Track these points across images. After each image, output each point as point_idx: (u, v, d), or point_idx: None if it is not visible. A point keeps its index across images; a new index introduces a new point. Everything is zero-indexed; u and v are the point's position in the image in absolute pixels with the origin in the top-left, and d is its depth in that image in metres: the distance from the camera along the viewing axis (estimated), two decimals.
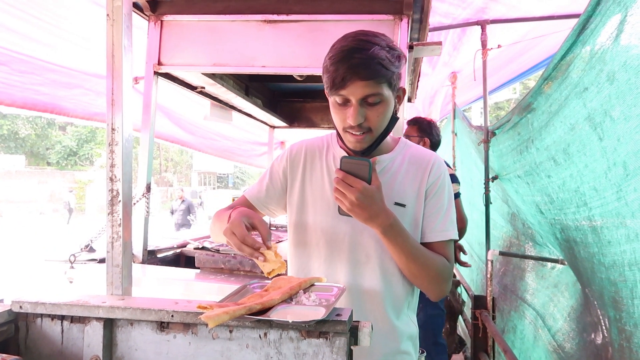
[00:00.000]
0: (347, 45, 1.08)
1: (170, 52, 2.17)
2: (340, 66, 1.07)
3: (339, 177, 1.06)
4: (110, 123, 1.23)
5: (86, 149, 29.78)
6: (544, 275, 2.62)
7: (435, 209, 1.21)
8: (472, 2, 2.74)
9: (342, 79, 1.07)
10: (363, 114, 1.10)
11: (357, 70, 1.06)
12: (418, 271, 1.16)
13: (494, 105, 17.80)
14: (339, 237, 1.21)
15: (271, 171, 1.34)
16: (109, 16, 1.23)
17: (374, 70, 1.06)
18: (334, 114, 1.16)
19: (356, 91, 1.08)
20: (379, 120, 1.13)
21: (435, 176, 1.22)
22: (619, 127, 1.17)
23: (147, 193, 2.20)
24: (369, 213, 1.06)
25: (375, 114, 1.12)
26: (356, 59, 1.06)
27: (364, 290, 1.19)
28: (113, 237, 1.23)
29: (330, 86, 1.10)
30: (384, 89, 1.10)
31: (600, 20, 1.17)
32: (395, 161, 1.24)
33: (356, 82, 1.07)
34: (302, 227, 1.27)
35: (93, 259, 2.22)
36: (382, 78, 1.08)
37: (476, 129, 3.29)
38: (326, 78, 1.11)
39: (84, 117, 3.10)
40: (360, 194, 1.04)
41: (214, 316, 0.84)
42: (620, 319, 1.40)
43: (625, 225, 1.26)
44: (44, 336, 1.01)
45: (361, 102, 1.10)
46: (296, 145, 1.34)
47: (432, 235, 1.21)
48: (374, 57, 1.06)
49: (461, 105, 5.18)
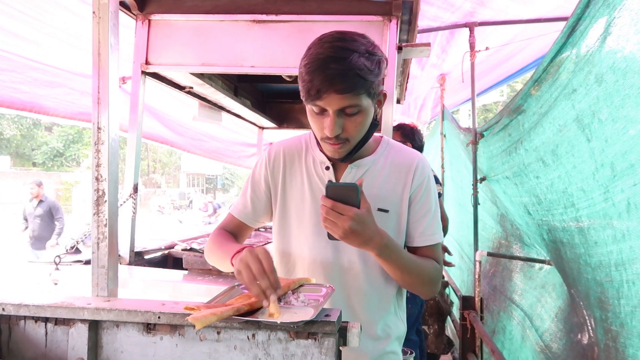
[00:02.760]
0: (322, 53, 1.01)
1: (158, 52, 2.15)
2: (315, 77, 1.00)
3: (328, 205, 1.00)
4: (97, 122, 1.22)
5: (73, 149, 29.43)
6: (532, 276, 2.64)
7: (421, 213, 1.19)
8: (460, 6, 2.76)
9: (317, 91, 1.00)
10: (340, 125, 1.05)
11: (333, 83, 0.99)
12: (412, 280, 1.16)
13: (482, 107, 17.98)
14: (321, 244, 1.19)
15: (252, 182, 1.28)
16: (95, 14, 1.21)
17: (352, 83, 1.00)
18: (311, 122, 1.11)
19: (333, 103, 1.02)
20: (357, 131, 1.08)
21: (420, 180, 1.19)
22: (606, 128, 1.18)
23: (134, 194, 2.18)
24: (363, 238, 1.02)
25: (353, 124, 1.07)
26: (332, 69, 0.99)
27: (351, 292, 1.18)
28: (99, 238, 1.22)
29: (306, 96, 1.04)
30: (363, 100, 1.04)
31: (589, 22, 1.18)
32: (377, 164, 1.20)
33: (332, 95, 1.00)
34: (285, 235, 1.24)
35: (79, 261, 2.19)
36: (361, 89, 1.02)
37: (464, 131, 3.32)
38: (301, 86, 1.05)
39: (66, 116, 3.05)
40: (353, 221, 0.99)
41: (201, 317, 0.82)
42: (606, 319, 1.42)
43: (612, 226, 1.27)
44: (27, 339, 0.99)
45: (338, 112, 1.04)
46: (274, 148, 1.28)
47: (421, 240, 1.19)
48: (352, 67, 0.99)
49: (450, 107, 5.21)
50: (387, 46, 1.99)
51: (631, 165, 1.09)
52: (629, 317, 1.22)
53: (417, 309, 2.87)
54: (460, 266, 4.26)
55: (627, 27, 1.05)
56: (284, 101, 3.82)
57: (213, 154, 5.33)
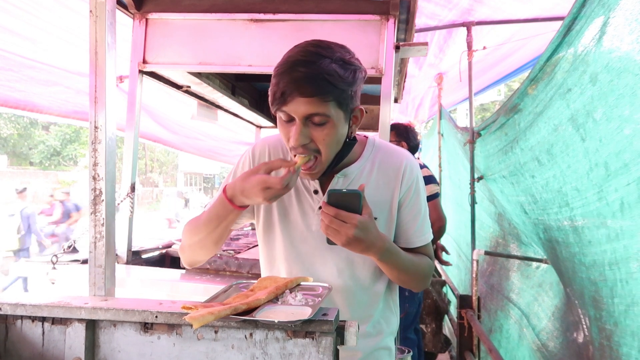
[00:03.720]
0: (292, 57, 0.98)
1: (155, 51, 2.15)
2: (281, 79, 0.97)
3: (331, 214, 0.98)
4: (94, 121, 1.22)
5: (70, 149, 29.32)
6: (529, 275, 2.65)
7: (411, 215, 1.18)
8: (457, 3, 2.77)
9: (281, 94, 0.97)
10: (307, 135, 1.00)
11: (298, 85, 0.95)
12: (407, 278, 1.17)
13: (479, 106, 17.99)
14: (307, 246, 1.17)
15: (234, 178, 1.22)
16: (92, 12, 1.21)
17: (318, 87, 0.95)
18: (280, 132, 1.06)
19: (298, 109, 0.97)
20: (326, 143, 1.02)
21: (409, 182, 1.17)
22: (601, 127, 1.19)
23: (132, 193, 2.18)
24: (366, 244, 1.01)
25: (321, 135, 1.01)
26: (299, 72, 0.95)
27: (338, 292, 1.17)
28: (96, 237, 1.22)
29: (272, 101, 1.00)
30: (331, 109, 0.98)
31: (585, 22, 1.18)
32: (364, 170, 1.16)
33: (297, 99, 0.96)
34: (270, 239, 1.22)
35: (76, 260, 2.19)
36: (329, 95, 0.96)
37: (462, 130, 3.32)
38: (270, 92, 1.01)
39: (60, 114, 3.05)
40: (357, 229, 0.98)
41: (199, 317, 0.83)
42: (600, 318, 1.42)
43: (606, 225, 1.27)
44: (24, 338, 0.99)
45: (305, 121, 0.99)
46: (258, 146, 1.24)
47: (413, 241, 1.20)
48: (320, 71, 0.95)
49: (447, 107, 5.22)
50: (384, 45, 2.00)
51: (625, 164, 1.09)
52: (622, 315, 1.23)
53: (415, 307, 2.88)
54: (458, 265, 4.27)
55: (622, 27, 1.06)
56: None
57: (208, 152, 5.33)
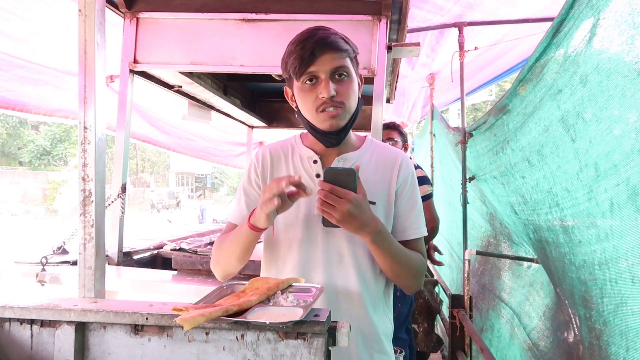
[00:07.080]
0: (306, 31, 1.14)
1: (146, 50, 2.14)
2: (306, 43, 1.11)
3: (326, 189, 1.03)
4: (83, 121, 1.21)
5: (60, 148, 29.09)
6: (520, 274, 2.67)
7: (407, 207, 1.23)
8: (450, 10, 2.79)
9: (311, 53, 1.10)
10: (334, 88, 1.12)
11: (324, 43, 1.11)
12: (400, 271, 1.18)
13: (471, 106, 18.09)
14: (311, 239, 1.20)
15: (245, 188, 1.30)
16: (81, 12, 1.20)
17: (339, 44, 1.12)
18: (304, 98, 1.16)
19: (325, 64, 1.11)
20: (349, 95, 1.15)
21: (405, 175, 1.24)
22: (590, 128, 1.20)
23: (123, 194, 2.16)
24: (360, 222, 1.06)
25: (345, 88, 1.14)
26: (320, 35, 1.12)
27: (340, 289, 1.18)
28: (85, 239, 1.21)
29: (299, 65, 1.11)
30: (350, 64, 1.15)
31: (574, 23, 1.19)
32: (363, 158, 1.24)
33: (325, 54, 1.10)
34: (276, 225, 1.24)
35: (66, 261, 2.17)
36: (346, 52, 1.14)
37: (454, 130, 3.34)
38: (292, 60, 1.13)
39: (47, 113, 3.03)
40: (351, 204, 1.03)
41: (190, 318, 0.82)
42: (590, 318, 1.44)
43: (595, 226, 1.28)
44: (12, 341, 0.98)
45: (330, 76, 1.12)
46: (260, 152, 1.32)
47: (408, 234, 1.23)
48: (336, 33, 1.14)
49: (439, 107, 5.24)
50: (376, 45, 2.00)
51: (614, 165, 1.10)
52: (611, 315, 1.24)
53: (406, 307, 2.88)
54: (450, 265, 4.29)
55: (612, 28, 1.06)
56: (273, 100, 3.81)
57: (200, 153, 5.30)
